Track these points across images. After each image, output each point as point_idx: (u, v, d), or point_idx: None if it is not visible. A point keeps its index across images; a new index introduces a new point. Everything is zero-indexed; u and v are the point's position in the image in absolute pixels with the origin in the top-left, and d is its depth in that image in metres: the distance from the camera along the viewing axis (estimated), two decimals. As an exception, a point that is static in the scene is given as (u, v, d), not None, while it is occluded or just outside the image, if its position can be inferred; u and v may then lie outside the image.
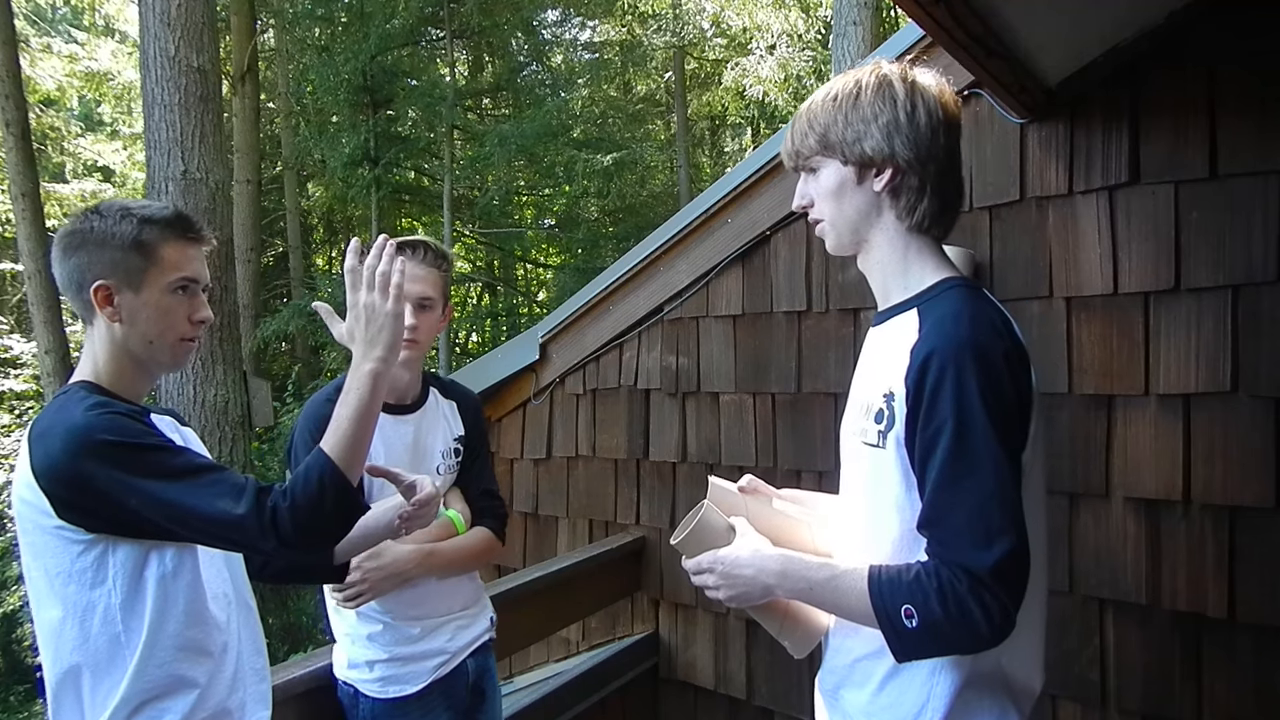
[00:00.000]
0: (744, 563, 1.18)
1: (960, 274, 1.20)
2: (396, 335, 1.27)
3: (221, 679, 1.29)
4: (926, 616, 1.04)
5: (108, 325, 1.26)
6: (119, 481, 1.13)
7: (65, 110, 14.92)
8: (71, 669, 1.19)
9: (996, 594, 1.02)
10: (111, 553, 1.18)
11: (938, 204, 1.18)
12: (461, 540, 1.79)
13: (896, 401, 1.11)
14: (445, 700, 1.78)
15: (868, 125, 1.15)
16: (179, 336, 1.30)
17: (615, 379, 3.01)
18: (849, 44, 6.52)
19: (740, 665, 2.71)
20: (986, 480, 1.03)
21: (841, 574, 1.13)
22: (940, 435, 1.05)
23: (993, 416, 1.04)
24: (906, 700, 1.13)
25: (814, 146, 1.20)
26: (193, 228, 1.31)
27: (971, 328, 1.08)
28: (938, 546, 1.07)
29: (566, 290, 10.89)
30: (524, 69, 13.73)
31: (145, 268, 1.25)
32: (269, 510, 1.14)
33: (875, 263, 1.23)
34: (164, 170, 6.50)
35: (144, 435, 1.19)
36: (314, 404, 1.76)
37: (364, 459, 1.24)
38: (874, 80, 1.17)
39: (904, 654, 1.08)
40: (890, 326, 1.19)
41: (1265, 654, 1.86)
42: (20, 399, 12.69)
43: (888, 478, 1.13)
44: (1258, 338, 1.86)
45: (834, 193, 1.20)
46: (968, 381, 1.04)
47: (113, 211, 1.27)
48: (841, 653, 1.23)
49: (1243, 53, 1.87)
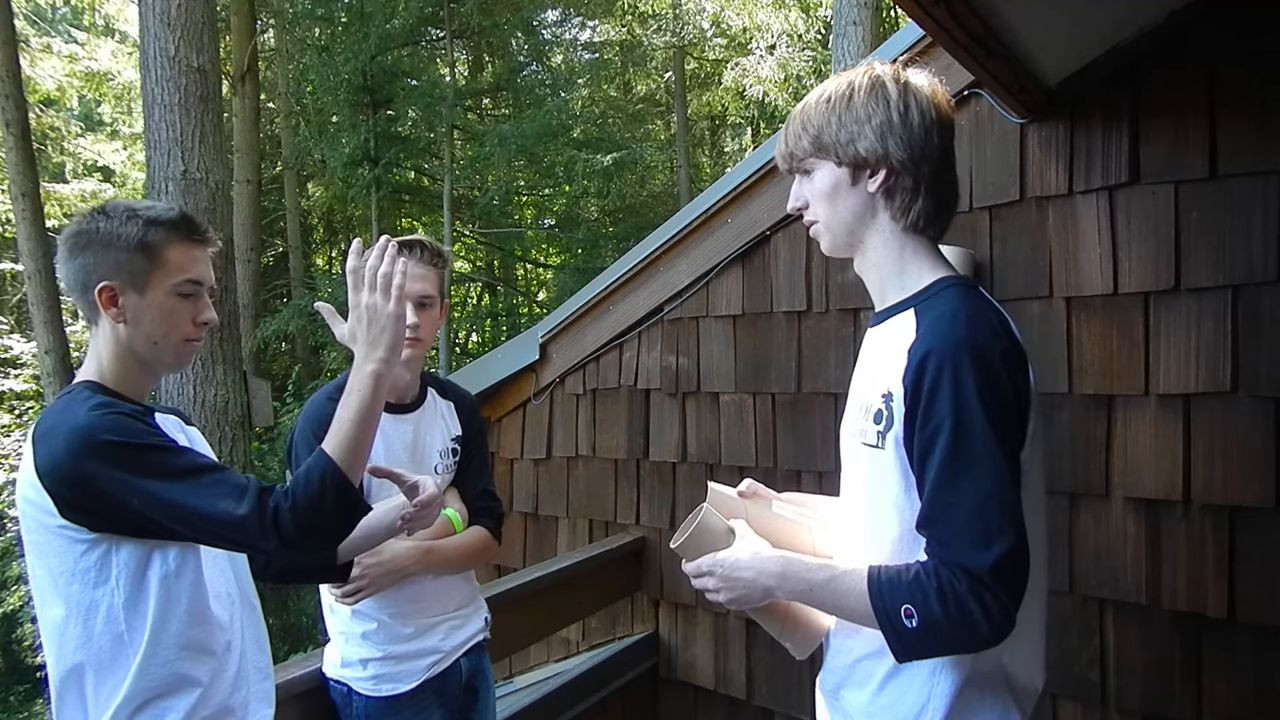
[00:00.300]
0: (744, 565, 1.18)
1: (957, 273, 1.20)
2: (398, 336, 1.28)
3: (224, 678, 1.29)
4: (926, 616, 1.04)
5: (112, 326, 1.26)
6: (121, 482, 1.13)
7: (65, 110, 14.92)
8: (75, 667, 1.19)
9: (996, 594, 1.02)
10: (115, 552, 1.18)
11: (933, 204, 1.18)
12: (459, 539, 1.80)
13: (895, 402, 1.11)
14: (438, 699, 1.79)
15: (861, 126, 1.15)
16: (183, 337, 1.30)
17: (615, 379, 3.01)
18: (849, 44, 6.52)
19: (740, 665, 2.71)
20: (985, 480, 1.03)
21: (841, 575, 1.13)
22: (938, 435, 1.05)
23: (990, 416, 1.04)
24: (907, 700, 1.13)
25: (808, 148, 1.20)
26: (198, 230, 1.31)
27: (968, 327, 1.08)
28: (937, 546, 1.07)
29: (566, 290, 10.89)
30: (524, 69, 13.73)
31: (150, 269, 1.25)
32: (270, 510, 1.14)
33: (871, 264, 1.23)
34: (164, 170, 6.50)
35: (147, 436, 1.19)
36: (314, 403, 1.77)
37: (366, 460, 1.24)
38: (867, 81, 1.17)
39: (904, 654, 1.08)
40: (888, 327, 1.19)
41: (1265, 654, 1.86)
42: (20, 399, 12.70)
43: (887, 478, 1.13)
44: (1258, 338, 1.86)
45: (828, 194, 1.20)
46: (965, 381, 1.04)
47: (119, 212, 1.27)
48: (842, 653, 1.23)
49: (1243, 53, 1.87)
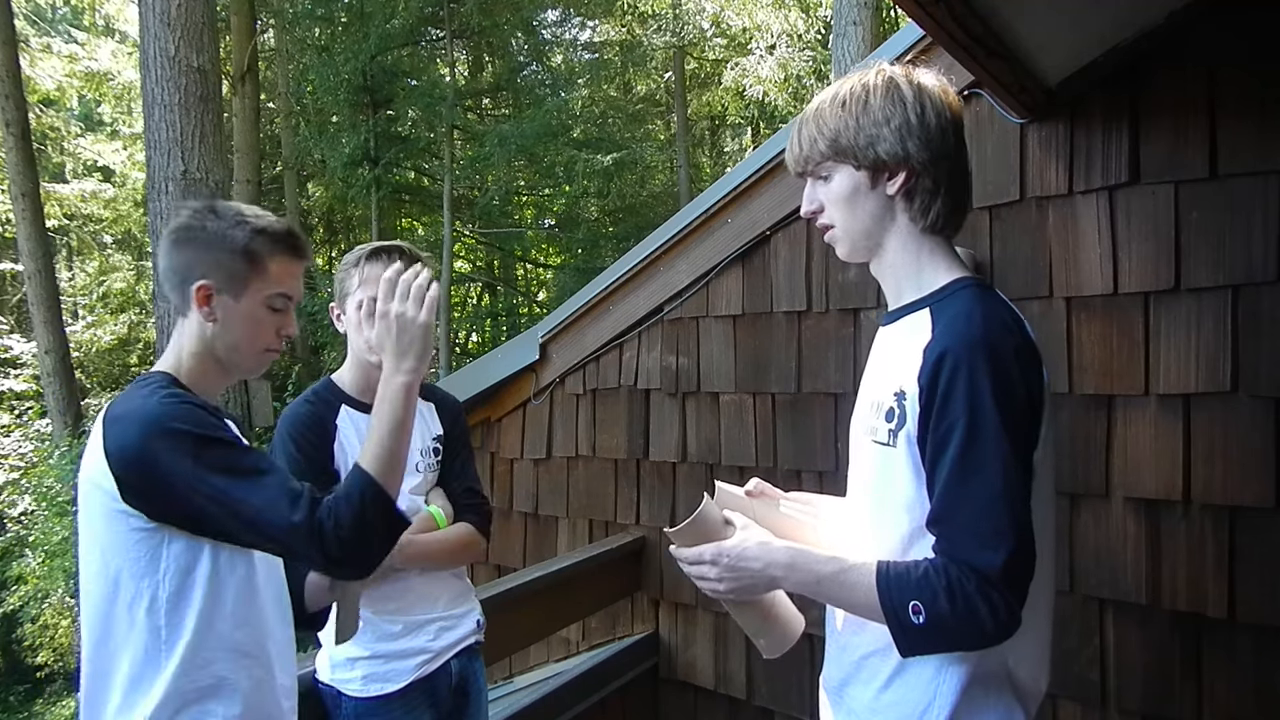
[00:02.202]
0: (751, 555, 1.17)
1: (972, 274, 1.20)
2: (427, 347, 1.28)
3: (266, 685, 1.29)
4: (934, 613, 1.04)
5: (200, 323, 1.27)
6: (187, 470, 1.14)
7: (65, 110, 14.93)
8: (111, 657, 1.19)
9: (1003, 593, 1.03)
10: (167, 545, 1.18)
11: (950, 204, 1.18)
12: (441, 534, 1.80)
13: (908, 400, 1.11)
14: (428, 699, 1.78)
15: (879, 129, 1.14)
16: (264, 347, 1.32)
17: (615, 379, 3.01)
18: (849, 44, 6.52)
19: (740, 665, 2.71)
20: (994, 480, 1.04)
21: (850, 568, 1.13)
22: (951, 434, 1.05)
23: (1004, 416, 1.04)
24: (912, 697, 1.14)
25: (824, 152, 1.18)
26: (301, 246, 1.33)
27: (984, 327, 1.08)
28: (945, 544, 1.07)
29: (566, 290, 10.90)
30: (524, 69, 13.75)
31: (249, 276, 1.27)
32: (317, 523, 1.15)
33: (888, 265, 1.22)
34: (164, 170, 6.51)
35: (216, 429, 1.19)
36: (292, 408, 1.77)
37: (403, 472, 1.25)
38: (881, 82, 1.16)
39: (909, 649, 1.08)
40: (901, 325, 1.19)
41: (1265, 654, 1.86)
42: (20, 399, 12.70)
43: (898, 476, 1.13)
44: (1258, 338, 1.86)
45: (847, 199, 1.19)
46: (980, 381, 1.04)
47: (229, 215, 1.28)
48: (848, 650, 1.23)
49: (1243, 53, 1.87)
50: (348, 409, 1.77)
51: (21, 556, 10.10)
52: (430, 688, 1.79)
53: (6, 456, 11.45)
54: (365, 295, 1.73)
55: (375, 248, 1.80)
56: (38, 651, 10.19)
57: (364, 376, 1.80)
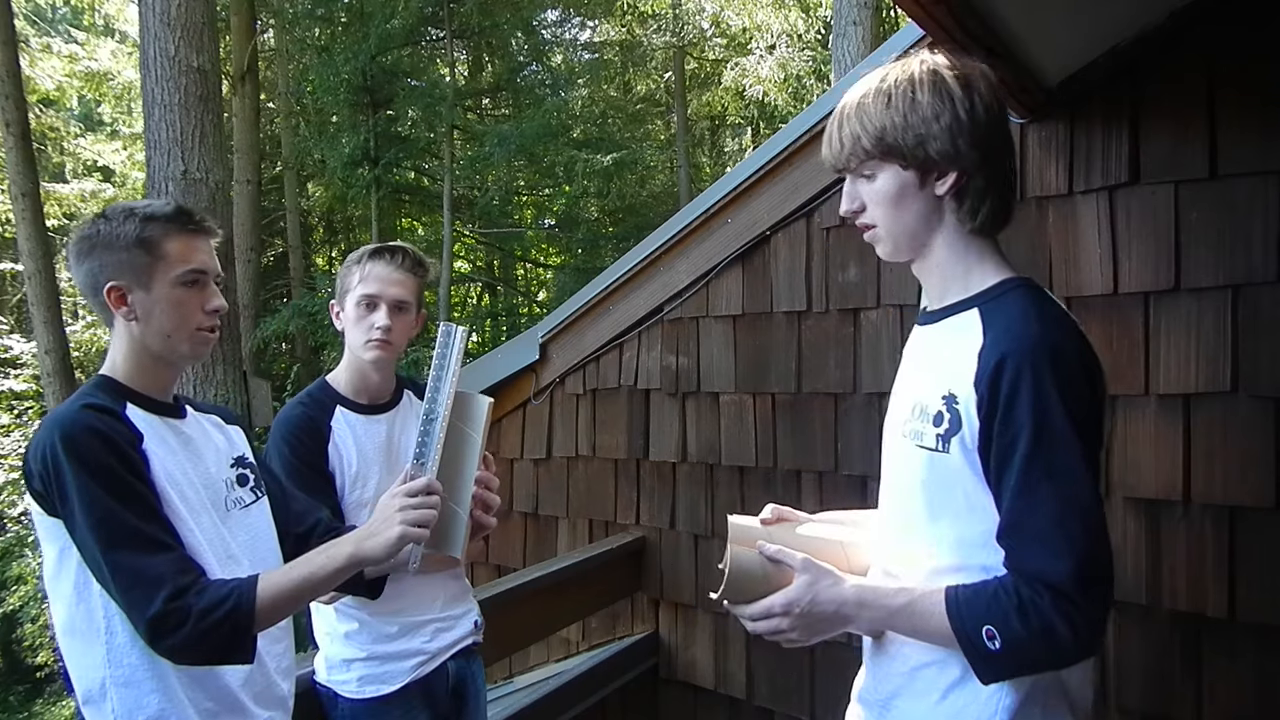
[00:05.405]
0: (823, 600, 1.12)
1: (1019, 274, 1.15)
2: (391, 550, 1.25)
3: None
4: (1009, 636, 0.99)
5: (125, 325, 1.28)
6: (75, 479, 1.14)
7: (65, 110, 14.92)
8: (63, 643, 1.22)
9: (1080, 605, 0.97)
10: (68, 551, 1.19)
11: (998, 203, 1.12)
12: None
13: (961, 405, 1.06)
14: (425, 700, 1.77)
15: (929, 126, 1.07)
16: (195, 327, 1.31)
17: (615, 379, 3.01)
18: (849, 44, 6.52)
19: (740, 665, 2.71)
20: (1065, 486, 0.99)
21: (919, 597, 1.08)
22: (1017, 442, 1.00)
23: (1074, 420, 0.99)
24: (971, 710, 1.08)
25: (869, 149, 1.10)
26: (194, 220, 1.32)
27: (1043, 328, 1.03)
28: (1015, 558, 1.02)
29: (566, 290, 10.89)
30: (524, 69, 13.72)
31: (152, 264, 1.27)
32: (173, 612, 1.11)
33: (934, 265, 1.16)
34: (164, 170, 6.51)
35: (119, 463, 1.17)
36: (286, 410, 1.77)
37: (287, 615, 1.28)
38: (927, 76, 1.09)
39: (990, 676, 1.03)
40: (946, 326, 1.14)
41: (1265, 654, 1.86)
42: (20, 399, 12.69)
43: (952, 483, 1.08)
44: (1258, 338, 1.86)
45: (893, 199, 1.12)
46: (1045, 385, 1.00)
47: (117, 214, 1.29)
48: (898, 660, 1.17)
49: (1243, 53, 1.87)
50: (342, 410, 1.77)
51: (21, 556, 10.11)
52: (427, 689, 1.78)
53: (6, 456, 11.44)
54: (364, 292, 1.74)
55: (378, 247, 1.81)
56: (38, 651, 10.20)
57: (359, 377, 1.80)
